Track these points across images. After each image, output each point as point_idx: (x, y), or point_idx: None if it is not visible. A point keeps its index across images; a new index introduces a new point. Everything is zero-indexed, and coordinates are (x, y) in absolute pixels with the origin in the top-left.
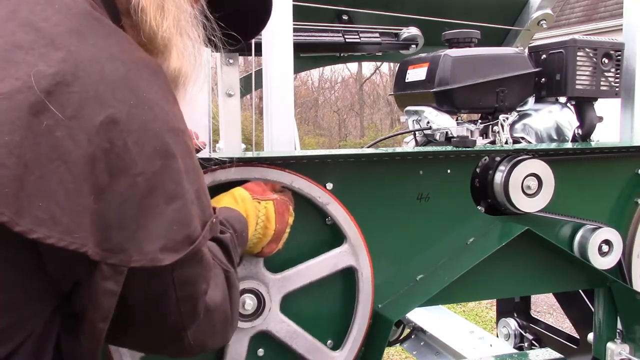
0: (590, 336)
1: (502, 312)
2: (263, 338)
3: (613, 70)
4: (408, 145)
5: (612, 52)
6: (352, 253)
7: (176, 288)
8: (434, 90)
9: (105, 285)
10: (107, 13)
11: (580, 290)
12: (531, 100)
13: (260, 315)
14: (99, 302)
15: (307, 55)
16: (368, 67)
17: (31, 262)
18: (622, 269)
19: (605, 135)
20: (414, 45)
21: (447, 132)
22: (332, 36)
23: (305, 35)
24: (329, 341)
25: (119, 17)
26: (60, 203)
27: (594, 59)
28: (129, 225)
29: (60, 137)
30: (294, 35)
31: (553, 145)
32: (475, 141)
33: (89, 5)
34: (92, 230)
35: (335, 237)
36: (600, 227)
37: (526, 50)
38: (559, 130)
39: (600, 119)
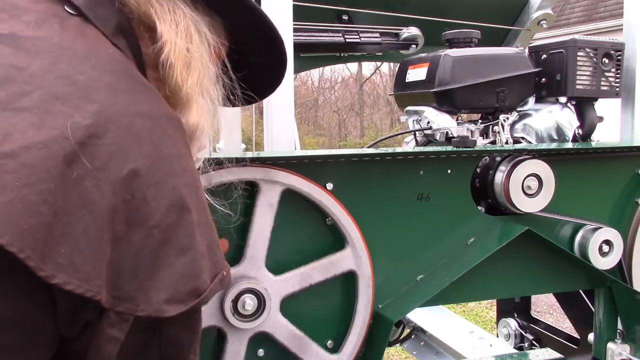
0: (591, 336)
1: (502, 312)
2: (263, 339)
3: (613, 70)
4: (408, 145)
5: (612, 52)
6: (353, 257)
7: (162, 344)
8: (434, 90)
9: (111, 332)
10: (135, 64)
11: (580, 290)
12: (531, 100)
13: (260, 316)
14: (102, 349)
15: (307, 55)
16: (368, 67)
17: (44, 304)
18: (622, 269)
19: (605, 135)
20: (414, 45)
21: (447, 132)
22: (332, 36)
23: (305, 35)
24: (329, 341)
25: (144, 69)
26: (83, 251)
27: (594, 59)
28: (140, 275)
29: (88, 188)
30: (294, 35)
31: (553, 145)
32: (475, 141)
33: (124, 61)
34: (106, 278)
35: (336, 237)
36: (600, 227)
37: (526, 50)
38: (559, 130)
39: (601, 119)
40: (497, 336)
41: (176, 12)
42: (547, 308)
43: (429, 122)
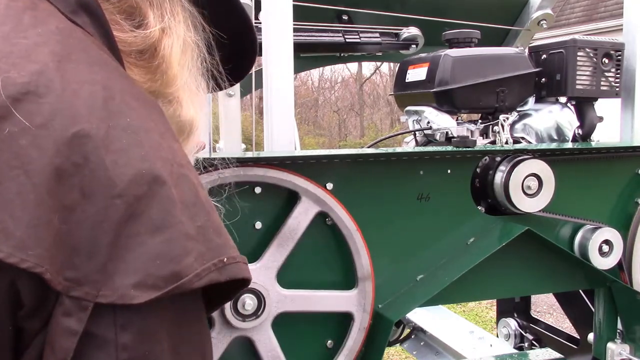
0: (591, 336)
1: (502, 312)
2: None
3: (613, 70)
4: (408, 145)
5: (612, 52)
6: (357, 298)
7: (118, 343)
8: (434, 90)
9: (65, 323)
10: (103, 46)
11: (580, 290)
12: (531, 100)
13: (253, 321)
14: (56, 344)
15: (307, 55)
16: (368, 67)
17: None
18: (622, 269)
19: (605, 135)
20: (414, 45)
21: (447, 132)
22: (332, 36)
23: (305, 35)
24: (329, 341)
25: (118, 55)
26: (16, 215)
27: (594, 59)
28: (100, 254)
29: (23, 145)
30: (294, 35)
31: (553, 145)
32: (475, 141)
33: (79, 35)
34: (54, 252)
35: (336, 237)
36: (600, 227)
37: (526, 50)
38: (559, 130)
39: (601, 119)
40: (497, 336)
41: (173, 2)
42: (547, 308)
43: (429, 122)
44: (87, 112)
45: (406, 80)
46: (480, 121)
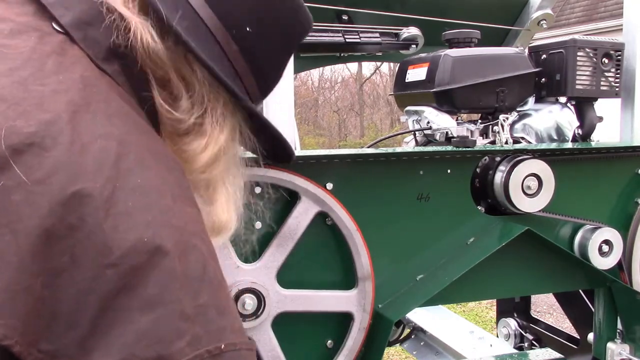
0: (590, 336)
1: (502, 312)
2: None
3: (613, 70)
4: (408, 145)
5: (612, 52)
6: (357, 298)
7: None
8: (434, 90)
9: None
10: (133, 99)
11: (580, 290)
12: (531, 100)
13: (253, 321)
14: None
15: (307, 55)
16: (368, 67)
17: None
18: (622, 269)
19: (605, 135)
20: (414, 45)
21: (447, 132)
22: (332, 36)
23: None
24: (329, 341)
25: (154, 115)
26: None
27: (594, 59)
28: (81, 326)
29: (16, 202)
30: None
31: (553, 145)
32: (475, 141)
33: (104, 85)
34: (30, 320)
35: (336, 237)
36: (600, 227)
37: (526, 50)
38: (559, 130)
39: (600, 119)
40: (497, 336)
41: (225, 109)
42: (547, 308)
43: (428, 122)
44: (94, 169)
45: (406, 80)
46: (480, 121)
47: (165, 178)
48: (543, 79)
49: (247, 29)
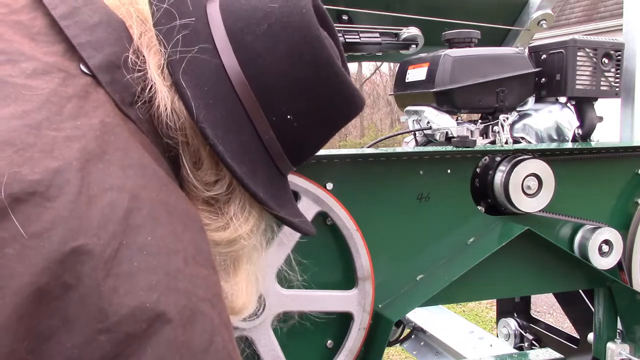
0: (590, 336)
1: (502, 312)
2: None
3: (613, 70)
4: (408, 145)
5: (612, 52)
6: (357, 298)
7: None
8: (434, 90)
9: None
10: (157, 148)
11: (580, 290)
12: (531, 100)
13: (252, 321)
14: None
15: None
16: (368, 67)
17: None
18: (622, 269)
19: (605, 135)
20: (414, 45)
21: (447, 132)
22: None
23: None
24: (329, 341)
25: (177, 167)
26: None
27: (594, 59)
28: None
29: (8, 256)
30: None
31: (553, 145)
32: (475, 141)
33: (124, 132)
34: None
35: (336, 237)
36: (600, 227)
37: (526, 50)
38: (559, 130)
39: (600, 119)
40: (497, 336)
41: (252, 207)
42: (547, 308)
43: (428, 122)
44: (99, 224)
45: (406, 80)
46: (480, 121)
47: (180, 236)
48: (543, 79)
49: (289, 117)
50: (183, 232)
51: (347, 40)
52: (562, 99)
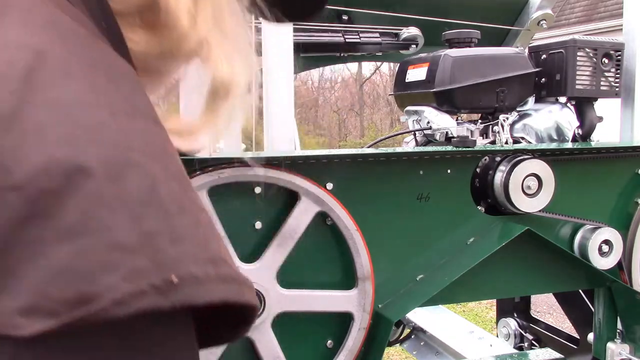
0: (590, 336)
1: (502, 312)
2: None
3: (613, 70)
4: (408, 145)
5: (612, 52)
6: (357, 298)
7: None
8: (434, 90)
9: None
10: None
11: (580, 290)
12: (531, 100)
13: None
14: None
15: (307, 55)
16: (368, 67)
17: None
18: (622, 269)
19: (605, 135)
20: (414, 45)
21: (447, 132)
22: (332, 36)
23: (305, 35)
24: (329, 341)
25: (108, 14)
26: None
27: (594, 59)
28: None
29: None
30: (293, 35)
31: (553, 145)
32: (475, 141)
33: None
34: None
35: (336, 237)
36: (600, 227)
37: (526, 50)
38: (559, 130)
39: (600, 118)
40: (497, 336)
41: None
42: (547, 308)
43: (428, 122)
44: None
45: (406, 80)
46: (480, 121)
47: (103, 90)
48: (543, 79)
49: None
50: (108, 85)
51: (347, 40)
52: (562, 99)
